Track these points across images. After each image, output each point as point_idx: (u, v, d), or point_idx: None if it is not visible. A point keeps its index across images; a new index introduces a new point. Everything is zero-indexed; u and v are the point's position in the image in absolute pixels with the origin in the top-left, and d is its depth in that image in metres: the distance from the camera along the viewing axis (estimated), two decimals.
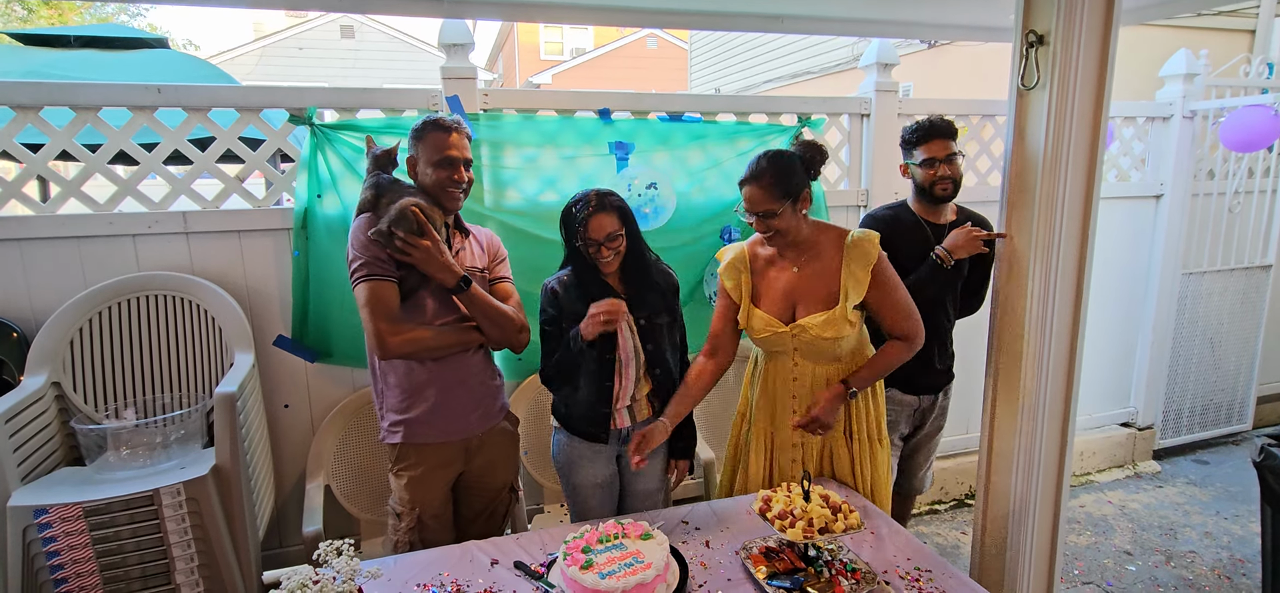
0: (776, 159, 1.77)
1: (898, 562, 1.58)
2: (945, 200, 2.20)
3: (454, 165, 1.76)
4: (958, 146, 2.17)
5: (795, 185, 1.77)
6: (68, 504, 1.66)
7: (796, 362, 1.89)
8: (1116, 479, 3.60)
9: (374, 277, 1.67)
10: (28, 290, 2.08)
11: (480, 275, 1.86)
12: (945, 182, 2.16)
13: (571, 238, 1.87)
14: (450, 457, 1.85)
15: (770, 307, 1.88)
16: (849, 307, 1.78)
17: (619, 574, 1.40)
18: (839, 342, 1.81)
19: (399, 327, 1.69)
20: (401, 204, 1.66)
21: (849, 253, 1.80)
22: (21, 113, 2.02)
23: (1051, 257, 1.97)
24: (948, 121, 2.16)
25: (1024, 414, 2.07)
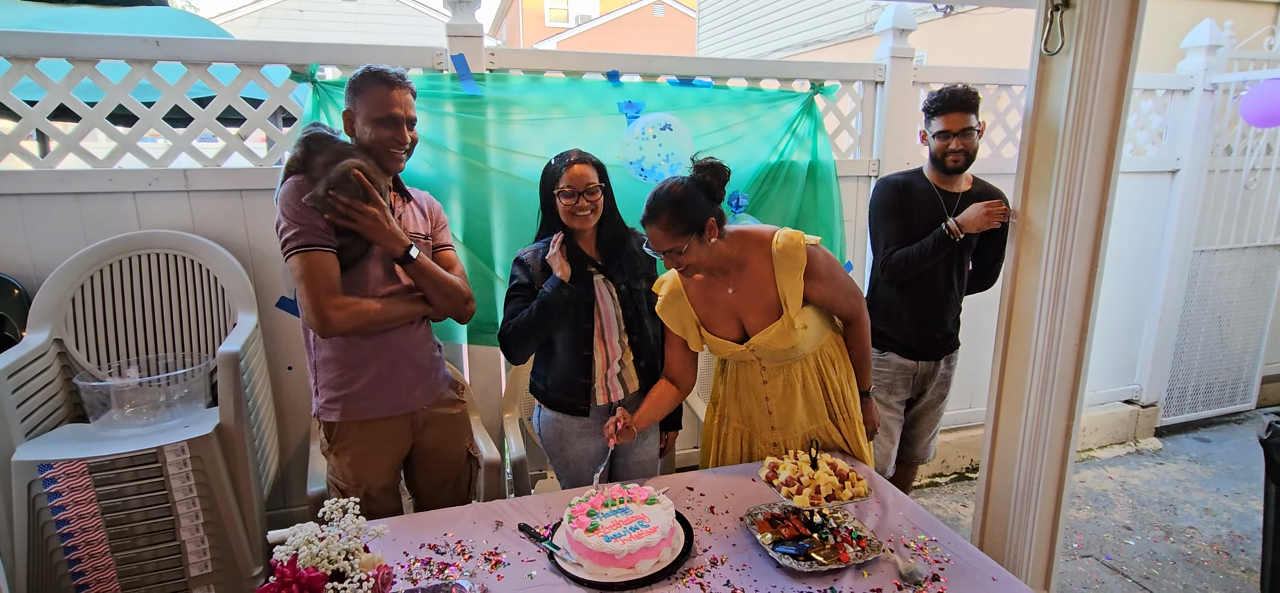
0: (670, 195, 1.63)
1: (903, 530, 1.58)
2: (957, 172, 2.16)
3: (397, 124, 1.63)
4: (977, 119, 2.12)
5: (698, 217, 1.64)
6: (72, 460, 1.66)
7: (764, 368, 1.85)
8: (1117, 455, 3.60)
9: (312, 246, 1.53)
10: (28, 246, 2.05)
11: (424, 242, 1.76)
12: (958, 154, 2.13)
13: (549, 189, 1.83)
14: (395, 432, 1.76)
15: (720, 328, 1.82)
16: (793, 314, 1.72)
17: (624, 537, 1.40)
18: (797, 347, 1.76)
19: (343, 301, 1.57)
20: (343, 166, 1.53)
21: (778, 263, 1.71)
22: (17, 64, 1.98)
23: (1068, 229, 1.94)
24: (969, 93, 2.11)
25: (1032, 389, 2.06)
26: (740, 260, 1.75)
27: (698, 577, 1.40)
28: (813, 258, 1.73)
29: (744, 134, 2.64)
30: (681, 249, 1.65)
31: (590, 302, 1.86)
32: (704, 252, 1.68)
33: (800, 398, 1.85)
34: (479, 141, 2.35)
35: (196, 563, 1.83)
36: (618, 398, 1.93)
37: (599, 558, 1.38)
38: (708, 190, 1.67)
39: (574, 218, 1.81)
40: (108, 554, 1.74)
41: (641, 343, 1.94)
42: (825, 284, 1.76)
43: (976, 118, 2.12)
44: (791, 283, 1.71)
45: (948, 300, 2.24)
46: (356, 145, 1.65)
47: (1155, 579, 2.56)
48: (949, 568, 1.43)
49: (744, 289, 1.76)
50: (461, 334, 2.48)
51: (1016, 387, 2.10)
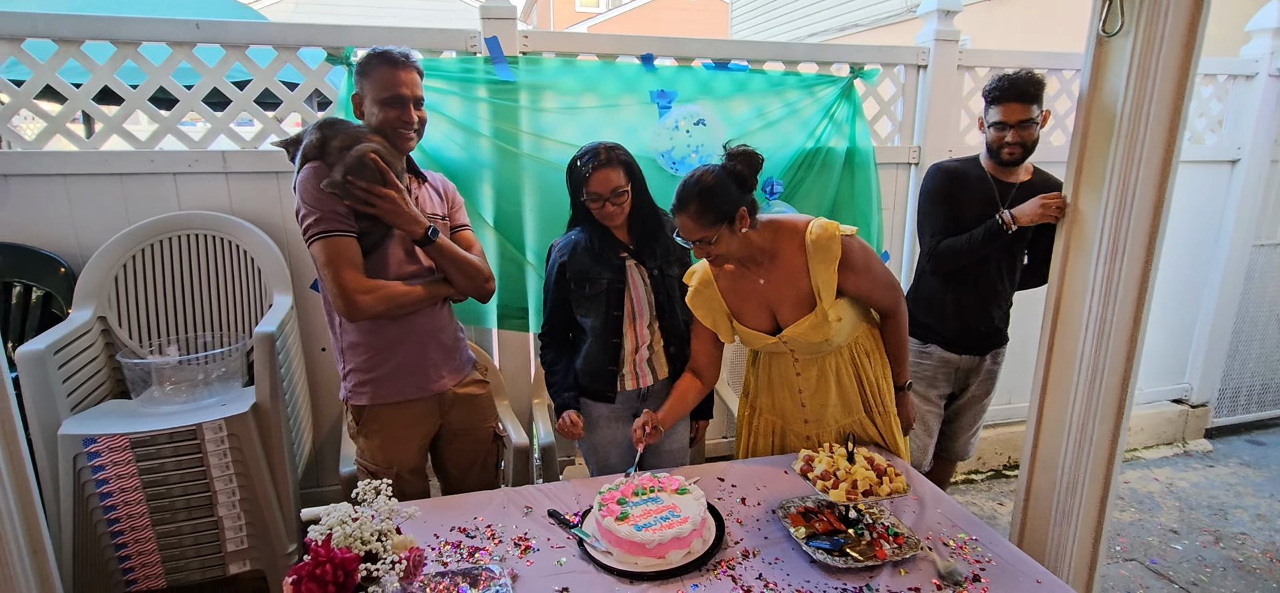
0: (699, 184, 1.59)
1: (941, 528, 1.53)
2: (1012, 164, 2.08)
3: (404, 104, 1.60)
4: (1039, 110, 2.02)
5: (728, 207, 1.59)
6: (115, 435, 1.70)
7: (796, 359, 1.81)
8: (1165, 456, 3.47)
9: (334, 233, 1.53)
10: (73, 225, 2.10)
11: (442, 222, 1.75)
12: (1014, 147, 2.03)
13: (576, 192, 1.81)
14: (423, 414, 1.76)
15: (752, 320, 1.77)
16: (827, 307, 1.67)
17: (654, 527, 1.38)
18: (830, 340, 1.72)
19: (370, 284, 1.56)
20: (359, 150, 1.52)
21: (811, 253, 1.66)
22: (63, 46, 2.02)
23: (1122, 220, 1.84)
24: (1032, 82, 1.99)
25: (1079, 384, 1.98)
26: (773, 251, 1.71)
27: (729, 569, 1.38)
28: (848, 249, 1.67)
29: (780, 119, 2.58)
30: (711, 239, 1.61)
31: (621, 288, 1.84)
32: (735, 242, 1.64)
33: (834, 390, 1.80)
34: (511, 126, 2.34)
35: (233, 539, 1.86)
36: (646, 384, 1.91)
37: (629, 547, 1.37)
38: (739, 179, 1.62)
39: (604, 218, 1.80)
40: (149, 529, 1.78)
41: (672, 328, 1.92)
42: (861, 277, 1.71)
43: (1039, 108, 2.01)
44: (825, 274, 1.66)
45: (997, 294, 2.16)
46: (369, 128, 1.63)
47: (1203, 586, 2.46)
48: (990, 569, 1.38)
49: (776, 280, 1.72)
50: (491, 318, 2.48)
51: (1062, 383, 2.02)
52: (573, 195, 1.86)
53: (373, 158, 1.54)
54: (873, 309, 1.84)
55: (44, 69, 2.02)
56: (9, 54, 1.99)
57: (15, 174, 2.04)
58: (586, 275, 1.83)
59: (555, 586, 1.33)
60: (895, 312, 1.81)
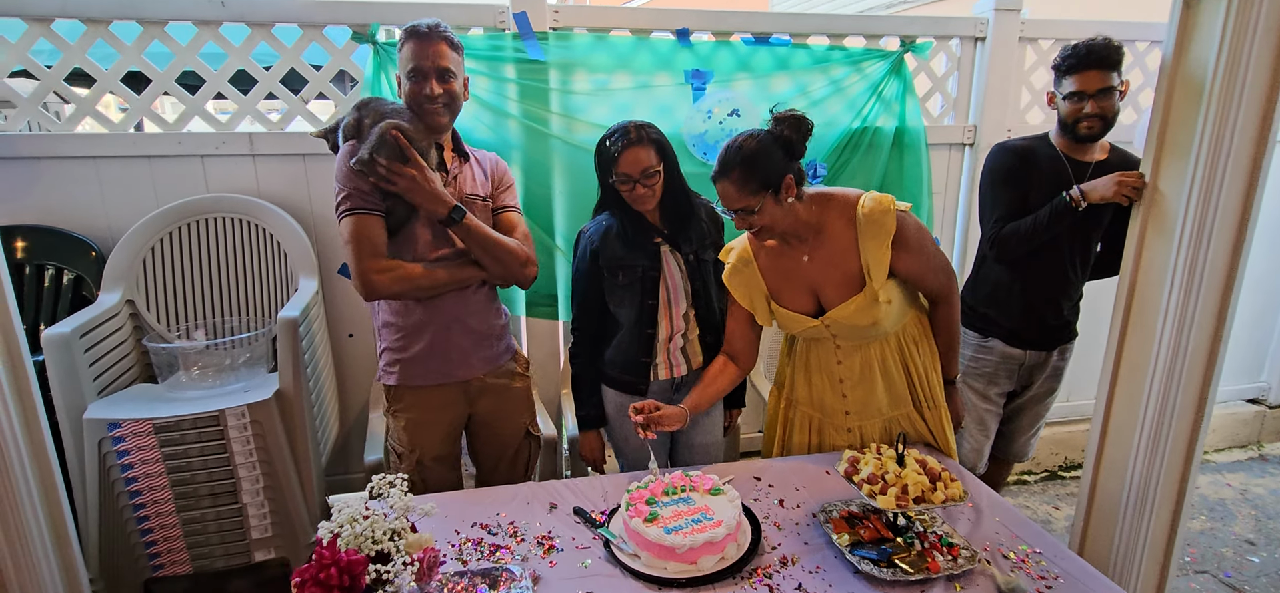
0: (744, 149, 1.48)
1: (1000, 538, 1.39)
2: (1090, 140, 1.89)
3: (425, 78, 1.54)
4: (1119, 78, 1.83)
5: (772, 174, 1.48)
6: (139, 420, 1.68)
7: (839, 346, 1.67)
8: (1238, 461, 3.22)
9: (357, 210, 1.52)
10: (104, 208, 2.10)
11: (481, 204, 1.68)
12: (1093, 120, 1.85)
13: (605, 173, 1.71)
14: (450, 399, 1.72)
15: (793, 301, 1.65)
16: (877, 287, 1.54)
17: (686, 530, 1.28)
18: (878, 324, 1.58)
19: (385, 264, 1.54)
20: (381, 127, 1.49)
21: (862, 229, 1.52)
22: (92, 27, 2.00)
23: (1209, 203, 1.66)
24: (1110, 48, 1.81)
25: (1155, 381, 1.80)
26: (819, 225, 1.58)
27: (765, 577, 1.27)
28: (902, 226, 1.53)
29: (825, 97, 2.44)
30: (754, 208, 1.49)
31: (656, 275, 1.74)
32: (779, 212, 1.52)
33: (880, 380, 1.67)
34: (541, 105, 2.26)
35: (257, 526, 1.84)
36: (680, 373, 1.82)
37: (658, 551, 1.27)
38: (786, 145, 1.50)
39: (634, 202, 1.70)
40: (174, 514, 1.77)
41: (707, 316, 1.83)
42: (915, 257, 1.57)
43: (1119, 77, 1.83)
44: (877, 252, 1.53)
45: (1067, 284, 1.98)
46: (405, 106, 1.59)
47: None
48: (1057, 586, 1.24)
49: (822, 258, 1.59)
50: (520, 305, 2.41)
51: (1135, 380, 1.85)
52: (601, 177, 1.76)
53: (393, 135, 1.49)
54: (923, 294, 1.70)
55: (73, 50, 2.00)
56: (39, 35, 1.98)
57: (47, 156, 2.04)
58: (619, 263, 1.73)
59: (579, 589, 1.25)
60: (949, 298, 1.67)
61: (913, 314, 1.69)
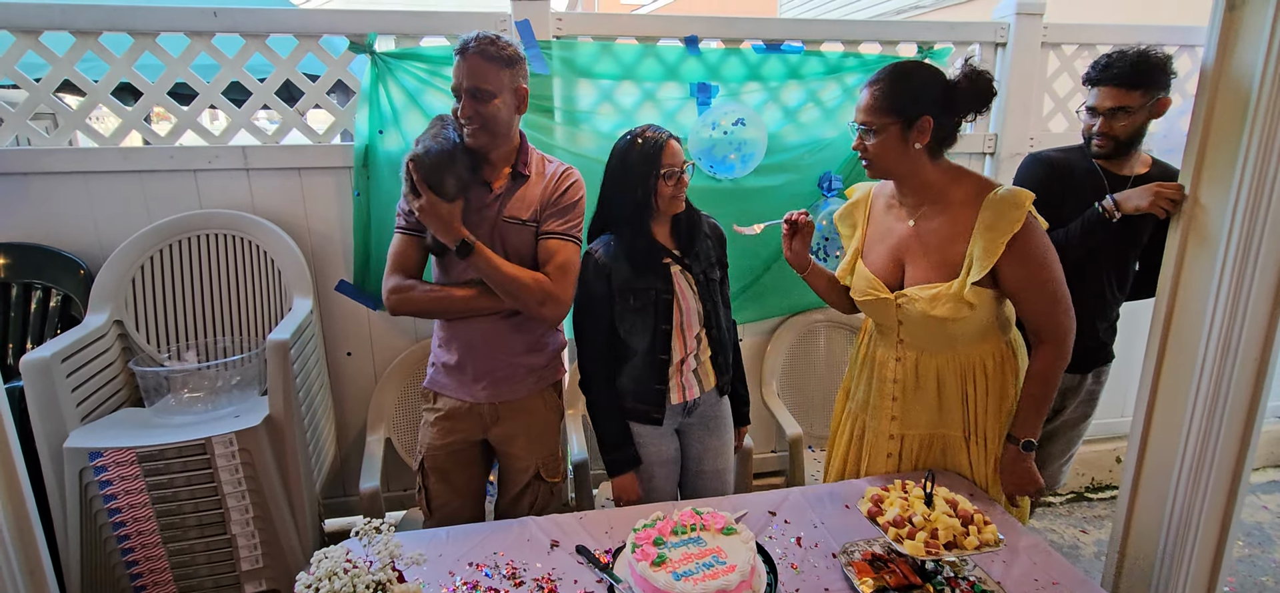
0: (905, 67, 1.44)
1: (1038, 584, 1.29)
2: (1103, 157, 1.82)
3: (457, 96, 1.52)
4: (1146, 97, 1.73)
5: (914, 105, 1.40)
6: (122, 448, 1.61)
7: (902, 339, 1.56)
8: (1274, 481, 3.08)
9: (400, 229, 1.61)
10: (94, 225, 2.03)
11: (522, 228, 1.59)
12: (1103, 140, 1.78)
13: (646, 170, 1.59)
14: (464, 417, 1.69)
15: (876, 264, 1.56)
16: (970, 280, 1.40)
17: (697, 576, 1.18)
18: (954, 324, 1.44)
19: (396, 283, 1.58)
20: (407, 156, 1.50)
21: (986, 211, 1.40)
22: (81, 39, 1.94)
23: (1256, 217, 1.55)
24: (1138, 65, 1.71)
25: (1196, 407, 1.69)
26: (941, 193, 1.48)
27: None
28: (1030, 229, 1.39)
29: (838, 106, 2.35)
30: (875, 127, 1.43)
31: (669, 298, 1.65)
32: (899, 151, 1.44)
33: (933, 390, 1.55)
34: (545, 115, 2.18)
35: (247, 558, 1.75)
36: (693, 397, 1.73)
37: None
38: (949, 93, 1.42)
39: (674, 198, 1.63)
40: (160, 546, 1.69)
41: (718, 336, 1.75)
42: (1031, 270, 1.41)
43: (1147, 94, 1.73)
44: (990, 242, 1.38)
45: (1103, 303, 1.87)
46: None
47: None
48: None
49: (926, 228, 1.49)
50: None
51: (1175, 403, 1.73)
52: (625, 182, 1.62)
53: (407, 165, 1.49)
54: (1026, 325, 1.53)
55: (62, 62, 1.94)
56: (27, 48, 1.92)
57: (36, 172, 1.98)
58: (630, 286, 1.64)
59: None
60: (1055, 341, 1.46)
61: (992, 345, 1.54)
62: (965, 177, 1.49)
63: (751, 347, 2.53)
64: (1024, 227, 1.39)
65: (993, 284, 1.45)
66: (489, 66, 1.50)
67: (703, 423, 1.81)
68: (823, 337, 2.58)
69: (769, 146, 2.26)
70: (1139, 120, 1.75)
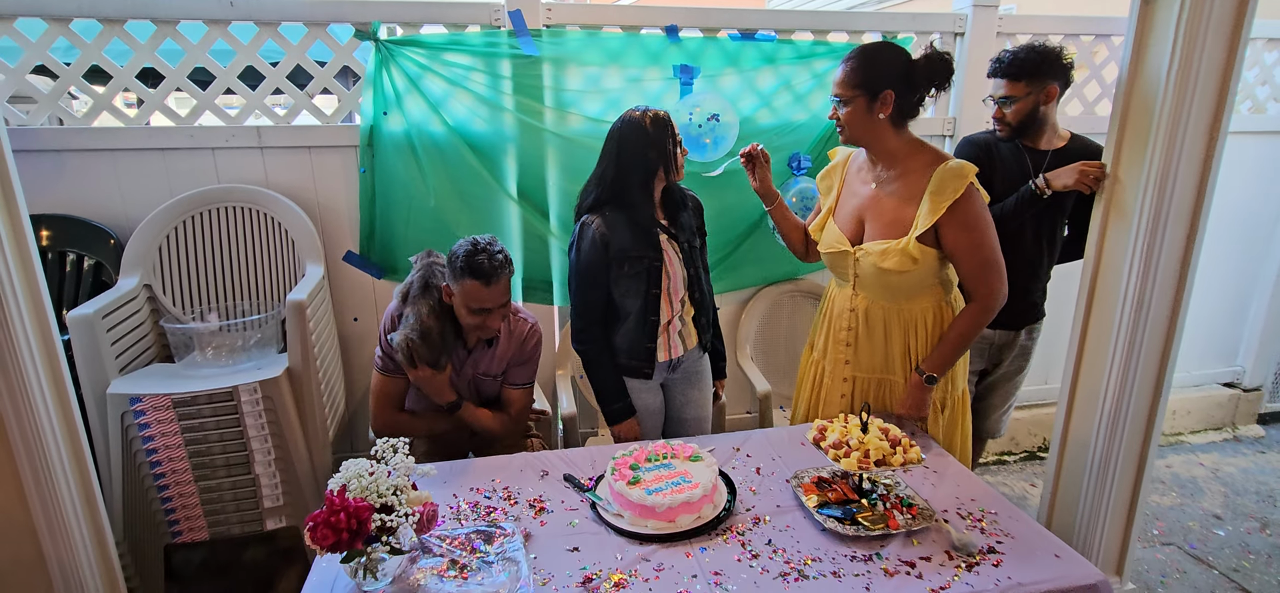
0: (876, 48, 1.67)
1: (959, 501, 1.51)
2: (1006, 140, 2.06)
3: (488, 313, 1.77)
4: (1036, 87, 1.96)
5: (877, 81, 1.61)
6: (159, 395, 1.79)
7: (856, 290, 1.78)
8: (1212, 442, 3.33)
9: (384, 371, 1.86)
10: (121, 198, 2.21)
11: (494, 381, 1.94)
12: (999, 124, 2.03)
13: (661, 141, 1.77)
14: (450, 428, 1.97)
15: (843, 221, 1.78)
16: (913, 237, 1.63)
17: (665, 492, 1.40)
18: (901, 277, 1.67)
19: (389, 416, 1.89)
20: (402, 339, 1.75)
21: (935, 179, 1.62)
22: (108, 26, 2.10)
23: (1165, 192, 1.76)
24: (1020, 59, 1.94)
25: (1114, 365, 1.91)
26: (903, 161, 1.69)
27: (738, 534, 1.39)
28: (969, 198, 1.61)
29: (809, 90, 2.54)
30: (846, 98, 1.66)
31: (660, 264, 1.84)
32: (866, 121, 1.66)
33: (881, 336, 1.77)
34: (535, 99, 2.35)
35: (270, 496, 1.95)
36: (677, 355, 1.93)
37: (639, 510, 1.39)
38: (910, 72, 1.64)
39: (680, 170, 1.85)
40: (192, 484, 1.88)
41: (701, 299, 1.95)
42: (966, 235, 1.63)
43: (1032, 84, 1.95)
44: (934, 205, 1.61)
45: (1034, 267, 2.10)
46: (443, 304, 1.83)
47: (1245, 572, 2.37)
48: (1007, 543, 1.36)
49: (886, 193, 1.71)
50: (516, 292, 2.52)
51: (1097, 361, 1.95)
52: (638, 154, 1.78)
53: (407, 347, 1.75)
54: (962, 285, 1.75)
55: (91, 48, 2.11)
56: (58, 34, 2.09)
57: (68, 149, 2.14)
58: (627, 255, 1.80)
59: (567, 545, 1.36)
60: (981, 301, 1.67)
61: (933, 301, 1.75)
62: (923, 149, 1.70)
63: (727, 314, 2.73)
64: (965, 195, 1.61)
65: (936, 245, 1.66)
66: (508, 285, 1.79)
67: (686, 378, 2.02)
68: (790, 306, 2.79)
69: (743, 131, 2.44)
70: (1027, 107, 1.97)
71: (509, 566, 1.27)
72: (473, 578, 1.25)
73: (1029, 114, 1.98)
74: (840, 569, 1.28)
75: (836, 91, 1.68)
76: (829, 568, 1.28)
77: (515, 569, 1.26)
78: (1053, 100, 1.99)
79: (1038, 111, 1.99)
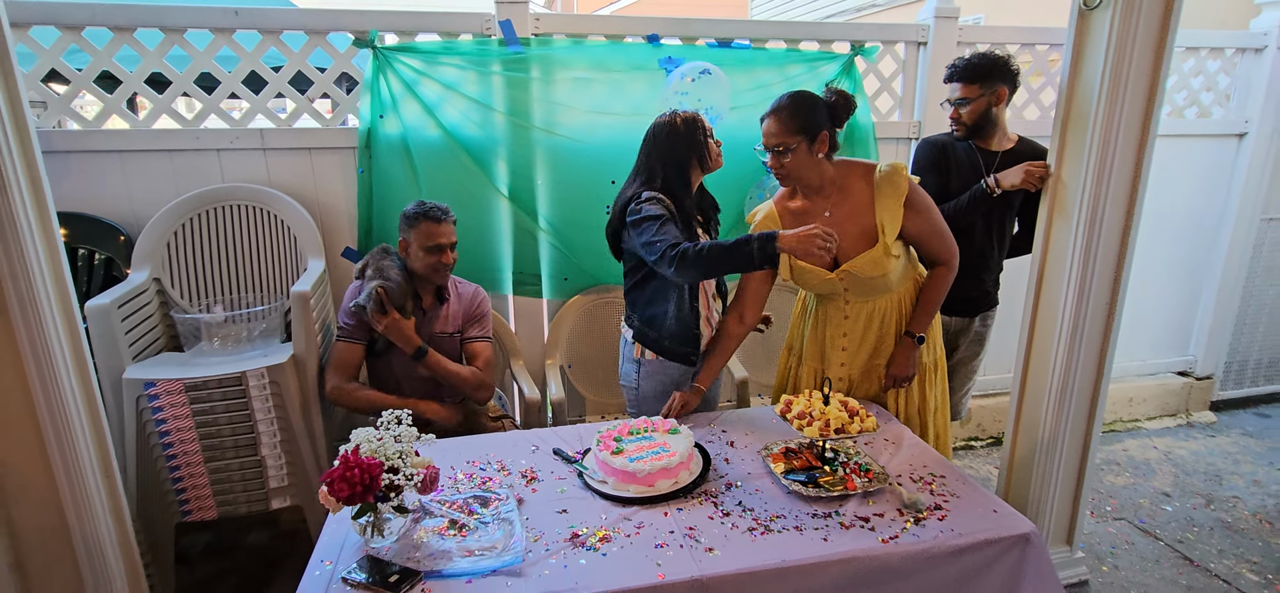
0: (798, 95, 1.79)
1: (912, 467, 1.66)
2: (962, 140, 2.25)
3: (442, 251, 2.04)
4: (986, 90, 2.15)
5: (812, 124, 1.76)
6: (172, 380, 1.91)
7: (848, 301, 1.94)
8: (1166, 427, 3.53)
9: (341, 337, 2.07)
10: (129, 197, 2.32)
11: (450, 339, 2.15)
12: (955, 124, 2.22)
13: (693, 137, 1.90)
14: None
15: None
16: (889, 241, 1.81)
17: (645, 460, 1.54)
18: (886, 276, 1.85)
19: (340, 383, 2.06)
20: (372, 286, 1.97)
21: (879, 187, 1.81)
22: (118, 34, 2.22)
23: (1101, 189, 1.93)
24: (970, 65, 2.14)
25: (1059, 349, 2.07)
26: (842, 183, 1.85)
27: (712, 497, 1.53)
28: (914, 188, 1.81)
29: None
30: (790, 147, 1.77)
31: None
32: (808, 163, 1.79)
33: (877, 327, 1.95)
34: (524, 103, 2.49)
35: (275, 476, 2.07)
36: (705, 343, 2.02)
37: (622, 476, 1.53)
38: (832, 109, 1.80)
39: (717, 163, 1.95)
40: (202, 465, 2.00)
41: (722, 288, 2.11)
42: (923, 217, 1.83)
43: (984, 87, 2.14)
44: (892, 208, 1.79)
45: (986, 259, 2.28)
46: (403, 264, 2.08)
47: (1189, 543, 2.55)
48: (952, 501, 1.51)
49: (841, 213, 1.85)
50: (507, 285, 2.66)
51: (1044, 347, 2.11)
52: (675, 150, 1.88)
53: (379, 293, 1.97)
54: (927, 257, 1.94)
55: (101, 55, 2.22)
56: (70, 42, 2.20)
57: (78, 150, 2.25)
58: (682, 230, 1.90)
59: (556, 508, 1.50)
60: (948, 262, 1.90)
61: (911, 283, 1.96)
62: (854, 165, 1.88)
63: None
64: (909, 187, 1.80)
65: (899, 235, 1.84)
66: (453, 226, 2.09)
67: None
68: (780, 299, 2.94)
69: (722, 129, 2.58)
70: (980, 107, 2.15)
71: (503, 525, 1.41)
72: (471, 536, 1.38)
73: (982, 114, 2.16)
74: (802, 525, 1.43)
75: (776, 143, 1.77)
76: (792, 524, 1.43)
77: (509, 528, 1.39)
78: (1002, 101, 2.17)
79: (990, 112, 2.17)
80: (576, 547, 1.36)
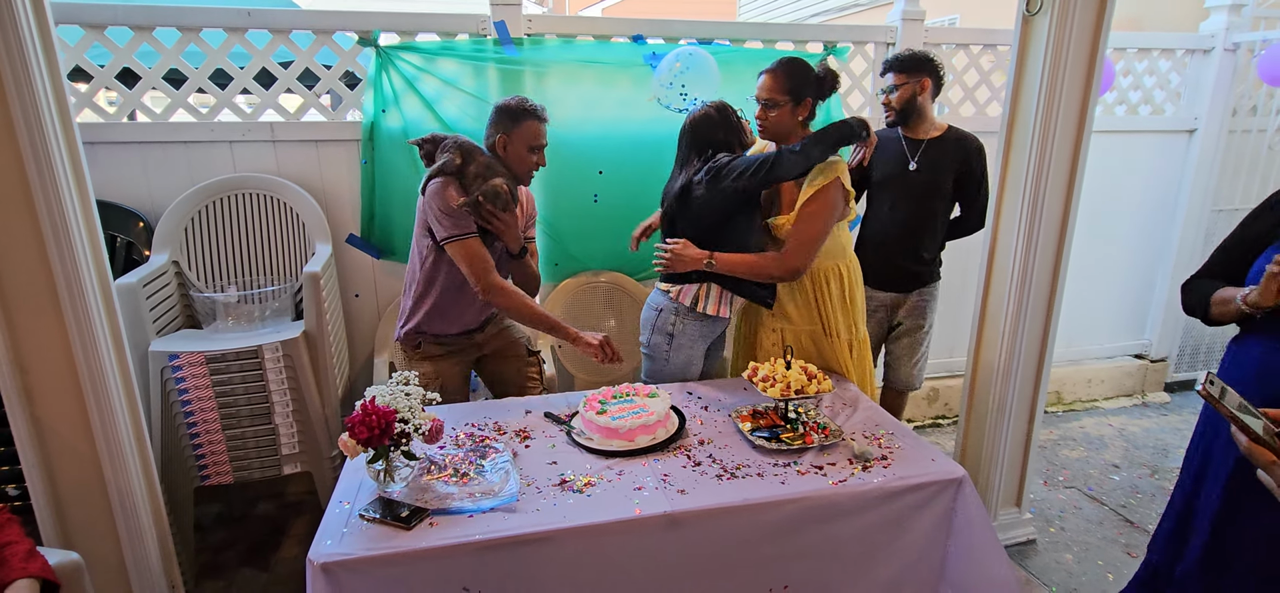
0: (795, 61, 2.02)
1: (866, 426, 1.86)
2: (893, 125, 2.50)
3: (542, 151, 2.09)
4: (912, 80, 2.40)
5: (801, 89, 1.99)
6: (194, 352, 2.08)
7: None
8: (1122, 406, 3.75)
9: (470, 234, 1.96)
10: (148, 185, 2.48)
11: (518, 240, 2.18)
12: (887, 109, 2.48)
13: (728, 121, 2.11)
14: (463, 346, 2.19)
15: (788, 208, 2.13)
16: (798, 208, 2.00)
17: (627, 418, 1.73)
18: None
19: (494, 278, 1.99)
20: (495, 184, 1.95)
21: (819, 168, 1.99)
22: (139, 33, 2.38)
23: (1041, 184, 2.12)
24: (899, 59, 2.42)
25: (1006, 326, 2.26)
26: None
27: (686, 451, 1.72)
28: (822, 191, 1.98)
29: None
30: (778, 102, 2.00)
31: None
32: (789, 122, 2.02)
33: (795, 291, 2.16)
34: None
35: (287, 444, 2.24)
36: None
37: (606, 432, 1.72)
38: (819, 82, 2.02)
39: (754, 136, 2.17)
40: (220, 432, 2.17)
41: None
42: (809, 206, 2.00)
43: (910, 78, 2.40)
44: (810, 184, 2.00)
45: (916, 240, 2.49)
46: (499, 160, 2.04)
47: (1131, 507, 2.76)
48: (896, 452, 1.71)
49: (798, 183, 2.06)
50: None
51: (994, 327, 2.31)
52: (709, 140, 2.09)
53: (505, 191, 1.98)
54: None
55: (122, 52, 2.38)
56: (93, 40, 2.36)
57: (101, 142, 2.41)
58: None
59: (547, 461, 1.68)
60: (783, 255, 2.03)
61: (836, 261, 2.14)
62: None
63: None
64: (828, 184, 1.97)
65: None
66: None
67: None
68: None
69: None
70: (906, 95, 2.41)
71: (500, 472, 1.59)
72: (471, 483, 1.56)
73: (908, 101, 2.42)
74: (763, 472, 1.62)
75: (765, 96, 2.02)
76: (754, 471, 1.62)
77: (505, 474, 1.58)
78: (926, 91, 2.42)
79: (915, 101, 2.42)
80: (565, 490, 1.54)
